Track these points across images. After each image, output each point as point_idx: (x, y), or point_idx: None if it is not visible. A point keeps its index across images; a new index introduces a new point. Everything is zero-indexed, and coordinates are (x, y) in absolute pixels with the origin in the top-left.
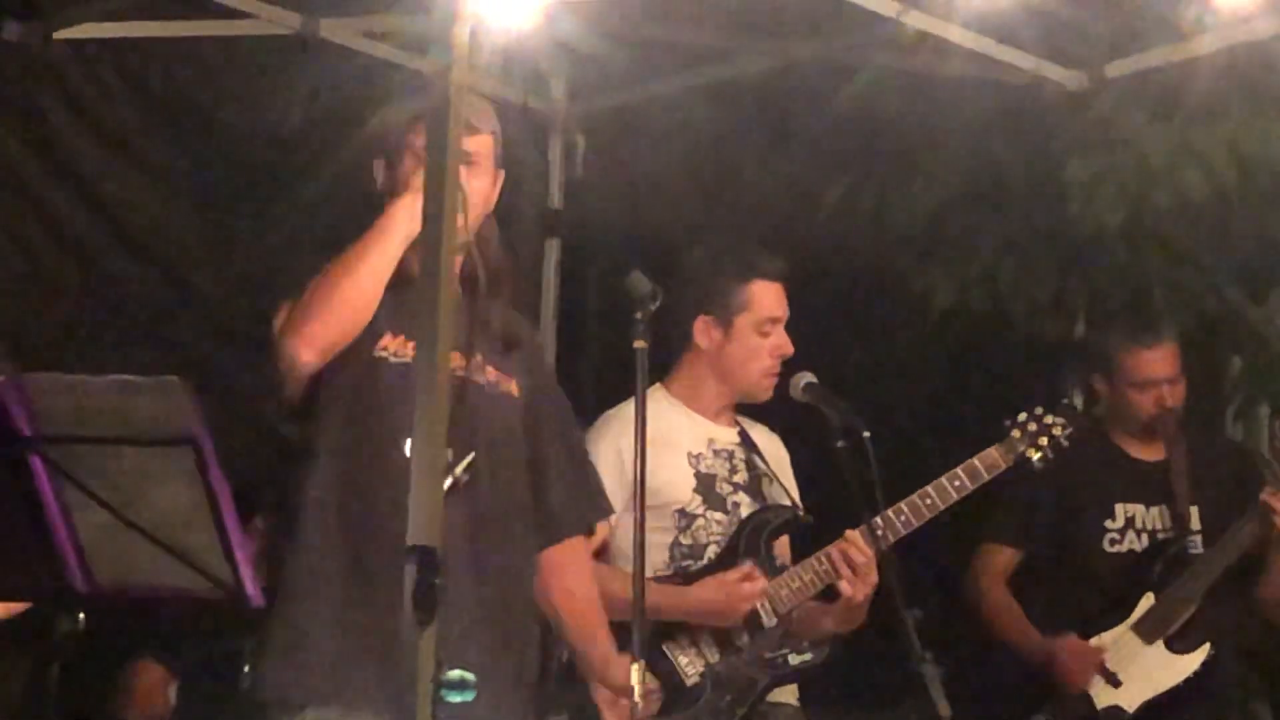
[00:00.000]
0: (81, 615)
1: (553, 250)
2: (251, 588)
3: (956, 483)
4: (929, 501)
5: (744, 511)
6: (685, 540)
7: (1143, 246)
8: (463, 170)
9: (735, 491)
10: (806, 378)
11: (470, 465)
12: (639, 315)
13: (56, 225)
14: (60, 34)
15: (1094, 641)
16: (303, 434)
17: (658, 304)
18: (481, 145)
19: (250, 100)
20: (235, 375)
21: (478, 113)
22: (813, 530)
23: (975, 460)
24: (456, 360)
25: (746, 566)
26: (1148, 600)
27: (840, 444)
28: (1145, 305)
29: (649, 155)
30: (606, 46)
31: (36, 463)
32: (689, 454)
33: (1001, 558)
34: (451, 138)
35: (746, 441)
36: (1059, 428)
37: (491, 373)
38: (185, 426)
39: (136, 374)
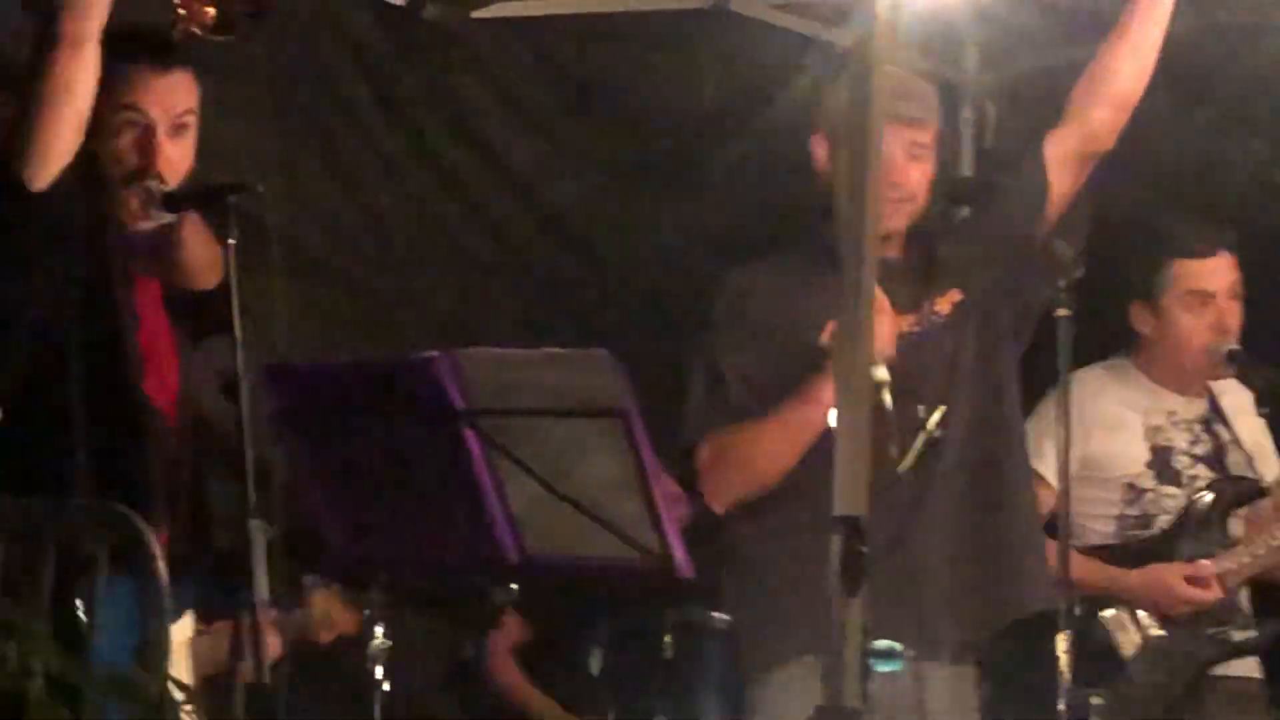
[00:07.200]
0: (514, 586)
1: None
2: (681, 556)
3: None
4: None
5: (1201, 485)
6: (1133, 512)
7: None
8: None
9: (1194, 465)
10: (1229, 345)
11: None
12: (1061, 283)
13: (474, 203)
14: (478, 13)
15: None
16: None
17: (1080, 272)
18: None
19: (662, 76)
20: (648, 349)
21: (925, 100)
22: None
23: None
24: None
25: (1203, 564)
26: None
27: (1264, 411)
28: None
29: None
30: (1022, 12)
31: (470, 436)
32: (1147, 426)
33: None
34: (874, 113)
35: (1215, 412)
36: None
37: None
38: (614, 398)
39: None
